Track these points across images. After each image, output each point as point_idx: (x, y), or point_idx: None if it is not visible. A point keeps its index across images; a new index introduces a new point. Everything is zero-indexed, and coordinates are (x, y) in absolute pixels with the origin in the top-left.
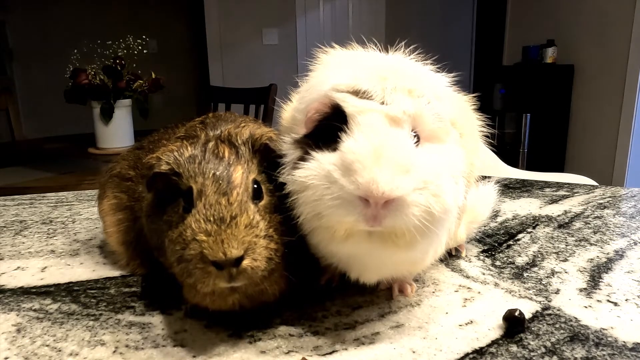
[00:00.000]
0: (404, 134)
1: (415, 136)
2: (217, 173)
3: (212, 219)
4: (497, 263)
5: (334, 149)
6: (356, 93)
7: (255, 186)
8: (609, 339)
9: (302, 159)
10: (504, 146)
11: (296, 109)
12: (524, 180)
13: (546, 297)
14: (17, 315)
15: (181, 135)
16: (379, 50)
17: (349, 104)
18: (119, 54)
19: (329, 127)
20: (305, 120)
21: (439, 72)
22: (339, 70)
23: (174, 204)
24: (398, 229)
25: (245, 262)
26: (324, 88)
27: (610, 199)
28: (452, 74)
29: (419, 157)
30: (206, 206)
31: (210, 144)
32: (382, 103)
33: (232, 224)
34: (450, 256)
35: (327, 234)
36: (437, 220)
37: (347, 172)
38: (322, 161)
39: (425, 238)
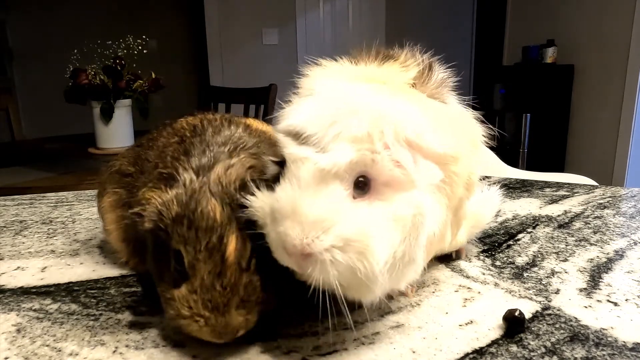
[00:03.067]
0: (332, 188)
1: (360, 185)
2: (210, 245)
3: (209, 305)
4: (497, 263)
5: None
6: (297, 137)
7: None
8: (609, 339)
9: (275, 180)
10: (504, 146)
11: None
12: (524, 180)
13: (546, 297)
14: (17, 315)
15: (163, 174)
16: (374, 58)
17: (287, 151)
18: (119, 54)
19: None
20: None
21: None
22: (298, 108)
23: (165, 254)
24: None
25: (240, 332)
26: (279, 127)
27: (610, 199)
28: (452, 73)
29: (345, 212)
30: (202, 288)
31: (201, 202)
32: (322, 149)
33: (226, 311)
34: (451, 259)
35: None
36: (364, 277)
37: (272, 220)
38: (266, 196)
39: (366, 289)
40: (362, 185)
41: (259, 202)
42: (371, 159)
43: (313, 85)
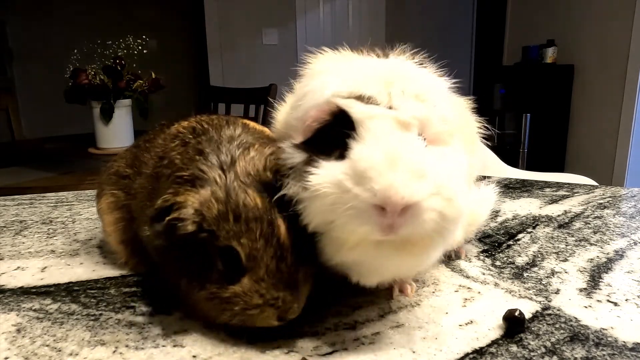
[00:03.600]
0: (416, 139)
1: (423, 140)
2: (264, 233)
3: (280, 286)
4: (497, 263)
5: (339, 157)
6: (360, 99)
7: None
8: (609, 339)
9: (308, 163)
10: (504, 146)
11: (291, 116)
12: (524, 180)
13: (546, 297)
14: (17, 315)
15: (184, 176)
16: (375, 53)
17: (356, 110)
18: (119, 54)
19: (329, 135)
20: (303, 128)
21: (439, 75)
22: (338, 76)
23: (206, 255)
24: (414, 236)
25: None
26: (324, 95)
27: (610, 199)
28: (452, 75)
29: (430, 161)
30: (269, 274)
31: (239, 195)
32: (390, 108)
33: (297, 289)
34: (451, 259)
35: (336, 243)
36: (451, 223)
37: (361, 181)
38: (330, 169)
39: (440, 244)
40: (423, 139)
41: (321, 176)
42: (428, 113)
43: (323, 66)
